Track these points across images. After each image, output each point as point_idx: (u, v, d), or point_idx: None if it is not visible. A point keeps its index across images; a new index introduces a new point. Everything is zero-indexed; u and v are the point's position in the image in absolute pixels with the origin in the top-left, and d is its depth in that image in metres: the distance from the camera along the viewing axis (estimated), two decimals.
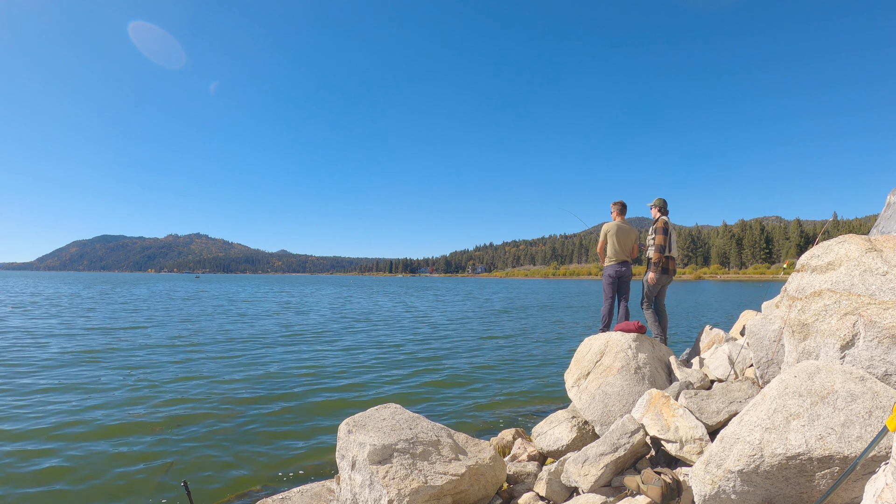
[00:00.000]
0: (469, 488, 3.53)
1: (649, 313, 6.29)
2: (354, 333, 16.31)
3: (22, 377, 9.04)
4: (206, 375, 9.47)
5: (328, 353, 12.25)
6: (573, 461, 3.60)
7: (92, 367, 9.96)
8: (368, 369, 10.34)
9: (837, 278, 3.30)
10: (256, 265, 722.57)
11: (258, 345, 13.46)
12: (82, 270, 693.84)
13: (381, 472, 3.31)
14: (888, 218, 4.73)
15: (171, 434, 6.22)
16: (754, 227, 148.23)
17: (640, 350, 4.89)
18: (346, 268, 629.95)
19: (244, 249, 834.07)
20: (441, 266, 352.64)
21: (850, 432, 2.41)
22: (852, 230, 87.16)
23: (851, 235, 3.58)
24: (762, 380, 3.98)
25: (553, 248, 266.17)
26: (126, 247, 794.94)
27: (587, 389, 4.73)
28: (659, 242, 6.06)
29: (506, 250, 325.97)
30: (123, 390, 8.23)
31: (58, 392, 8.04)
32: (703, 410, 3.70)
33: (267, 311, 24.87)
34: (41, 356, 11.05)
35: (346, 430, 3.72)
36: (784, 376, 2.87)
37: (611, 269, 6.33)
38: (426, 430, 3.82)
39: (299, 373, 9.85)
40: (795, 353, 3.37)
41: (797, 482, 2.48)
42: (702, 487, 2.74)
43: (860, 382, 2.63)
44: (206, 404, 7.53)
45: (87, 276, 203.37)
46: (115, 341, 13.55)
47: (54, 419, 6.69)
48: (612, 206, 6.53)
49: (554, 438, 4.61)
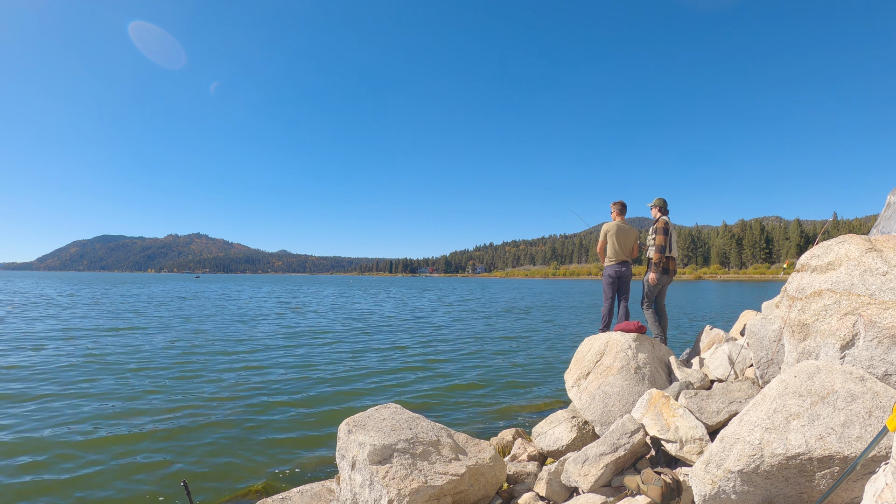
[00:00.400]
0: (469, 488, 3.53)
1: (649, 313, 6.29)
2: (355, 333, 16.31)
3: (20, 382, 9.04)
4: (207, 376, 9.46)
5: (328, 353, 12.24)
6: (573, 461, 3.60)
7: (92, 367, 9.95)
8: (368, 369, 10.34)
9: (837, 278, 3.30)
10: (256, 265, 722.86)
11: (258, 345, 13.46)
12: (82, 270, 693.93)
13: (381, 472, 3.31)
14: (888, 218, 4.73)
15: (170, 434, 6.22)
16: (754, 227, 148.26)
17: (640, 350, 4.89)
18: (346, 268, 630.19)
19: (244, 249, 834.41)
20: (441, 266, 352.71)
21: (850, 432, 2.41)
22: (852, 230, 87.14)
23: (851, 235, 3.58)
24: (762, 380, 3.98)
25: (553, 248, 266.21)
26: (126, 247, 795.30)
27: (587, 389, 4.73)
28: (659, 243, 6.06)
29: (506, 250, 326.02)
30: (123, 391, 8.23)
31: (58, 392, 8.03)
32: (703, 410, 3.70)
33: (268, 312, 24.87)
34: (40, 358, 11.05)
35: (346, 430, 3.72)
36: (784, 376, 2.87)
37: (611, 269, 6.33)
38: (426, 430, 3.82)
39: (299, 373, 9.85)
40: (795, 353, 3.37)
41: (797, 482, 2.48)
42: (702, 487, 2.74)
43: (860, 382, 2.63)
44: (206, 404, 7.53)
45: (87, 276, 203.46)
46: (115, 342, 13.55)
47: (54, 419, 6.69)
48: (612, 205, 6.53)
49: (554, 438, 4.61)
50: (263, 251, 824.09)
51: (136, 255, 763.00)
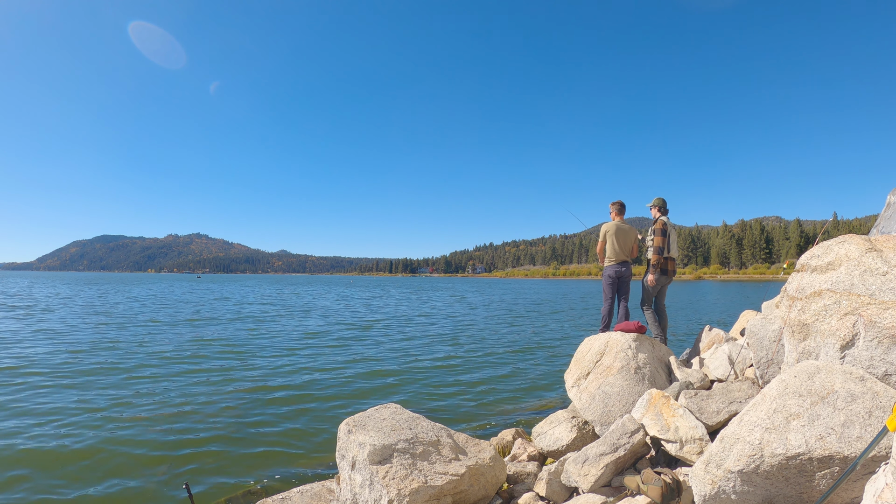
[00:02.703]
0: (469, 488, 3.53)
1: (649, 313, 6.29)
2: (355, 333, 16.31)
3: (22, 377, 9.04)
4: (207, 376, 9.46)
5: (328, 354, 12.25)
6: (573, 461, 3.60)
7: (93, 368, 9.95)
8: (368, 369, 10.34)
9: (837, 278, 3.30)
10: (256, 265, 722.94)
11: (259, 345, 13.46)
12: (82, 270, 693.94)
13: (381, 472, 3.31)
14: (888, 218, 4.73)
15: (170, 434, 6.22)
16: (754, 227, 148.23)
17: (640, 350, 4.89)
18: (345, 268, 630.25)
19: (244, 249, 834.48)
20: (441, 266, 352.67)
21: (850, 432, 2.41)
22: (852, 230, 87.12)
23: (851, 235, 3.58)
24: (762, 380, 3.98)
25: (553, 248, 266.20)
26: (126, 247, 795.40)
27: (587, 389, 4.73)
28: (657, 244, 6.05)
29: (506, 250, 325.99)
30: (123, 392, 8.23)
31: (57, 391, 8.03)
32: (703, 410, 3.70)
33: (269, 312, 24.88)
34: (42, 354, 11.05)
35: (346, 430, 3.72)
36: (784, 376, 2.87)
37: (610, 270, 6.33)
38: (426, 430, 3.82)
39: (299, 373, 9.85)
40: (795, 353, 3.37)
41: (797, 482, 2.48)
42: (702, 487, 2.74)
43: (860, 382, 2.63)
44: (206, 405, 7.53)
45: (88, 276, 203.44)
46: (115, 342, 13.55)
47: (53, 420, 6.69)
48: (611, 206, 6.52)
49: (554, 438, 4.61)
50: (263, 251, 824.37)
51: (136, 255, 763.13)
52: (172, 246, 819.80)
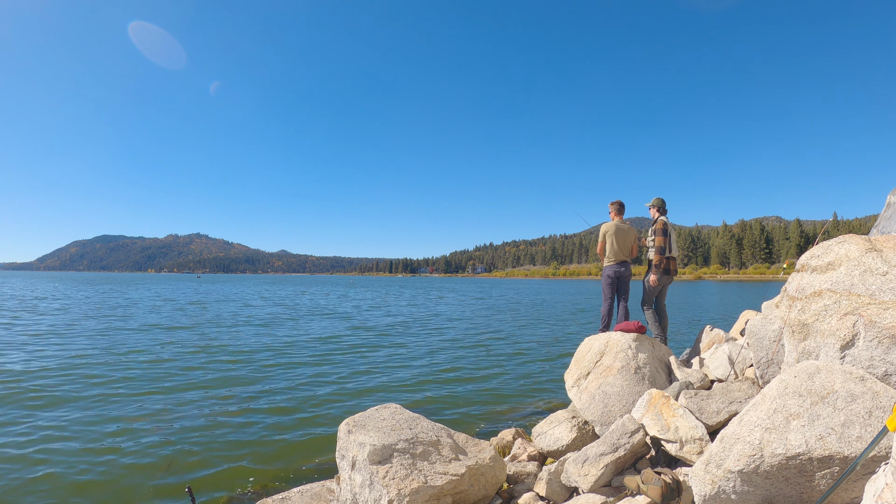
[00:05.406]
0: (469, 488, 3.53)
1: (649, 313, 6.29)
2: (354, 333, 16.31)
3: (23, 381, 9.04)
4: (207, 376, 9.46)
5: (328, 354, 12.24)
6: (573, 461, 3.60)
7: (92, 368, 9.95)
8: (368, 369, 10.34)
9: (837, 278, 3.30)
10: (256, 265, 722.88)
11: (259, 345, 13.46)
12: (82, 270, 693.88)
13: (381, 472, 3.31)
14: (888, 218, 4.73)
15: (171, 434, 6.22)
16: (754, 227, 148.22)
17: (640, 350, 4.89)
18: (346, 268, 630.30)
19: (244, 249, 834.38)
20: (441, 266, 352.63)
21: (850, 432, 2.41)
22: (852, 230, 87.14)
23: (851, 235, 3.57)
24: (762, 380, 3.98)
25: (553, 248, 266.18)
26: (126, 247, 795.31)
27: (587, 389, 4.73)
28: (659, 244, 6.05)
29: (506, 250, 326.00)
30: (123, 392, 8.23)
31: (58, 393, 8.03)
32: (703, 410, 3.70)
33: (269, 312, 24.87)
34: (43, 355, 11.06)
35: (346, 430, 3.72)
36: (784, 376, 2.87)
37: (610, 270, 6.32)
38: (426, 430, 3.82)
39: (299, 373, 9.85)
40: (795, 353, 3.37)
41: (797, 482, 2.48)
42: (702, 487, 2.74)
43: (860, 382, 2.63)
44: (206, 405, 7.53)
45: (88, 276, 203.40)
46: (116, 342, 13.55)
47: (53, 420, 6.69)
48: (610, 205, 6.51)
49: (554, 438, 4.61)
50: (263, 251, 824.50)
51: (136, 255, 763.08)
52: (172, 246, 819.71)
